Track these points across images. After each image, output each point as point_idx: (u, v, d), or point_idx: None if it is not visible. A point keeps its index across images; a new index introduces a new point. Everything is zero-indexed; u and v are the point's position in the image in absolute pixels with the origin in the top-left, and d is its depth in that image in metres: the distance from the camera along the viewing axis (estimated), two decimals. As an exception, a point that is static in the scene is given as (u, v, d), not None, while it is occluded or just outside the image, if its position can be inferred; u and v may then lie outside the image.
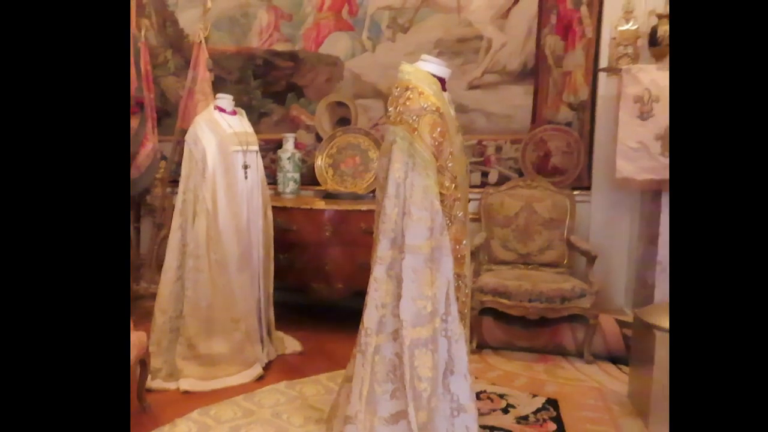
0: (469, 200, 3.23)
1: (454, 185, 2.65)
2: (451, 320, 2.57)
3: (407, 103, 2.55)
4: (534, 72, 4.49)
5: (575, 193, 4.37)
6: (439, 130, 2.55)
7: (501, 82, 4.51)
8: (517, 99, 4.51)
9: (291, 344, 4.01)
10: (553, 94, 4.50)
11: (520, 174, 4.50)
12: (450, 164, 2.64)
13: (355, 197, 4.51)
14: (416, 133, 2.51)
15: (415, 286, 2.46)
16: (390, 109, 2.61)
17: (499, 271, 4.12)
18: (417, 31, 4.63)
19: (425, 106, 2.54)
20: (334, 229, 4.17)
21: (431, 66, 2.71)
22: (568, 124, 4.49)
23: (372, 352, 2.49)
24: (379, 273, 2.51)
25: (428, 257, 2.49)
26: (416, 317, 2.45)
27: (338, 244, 4.18)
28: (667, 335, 3.13)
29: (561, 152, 4.49)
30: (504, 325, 3.96)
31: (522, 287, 3.80)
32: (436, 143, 2.54)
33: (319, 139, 4.90)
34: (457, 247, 2.67)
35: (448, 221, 2.59)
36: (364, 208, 4.18)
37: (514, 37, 4.48)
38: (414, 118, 2.53)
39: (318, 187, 4.77)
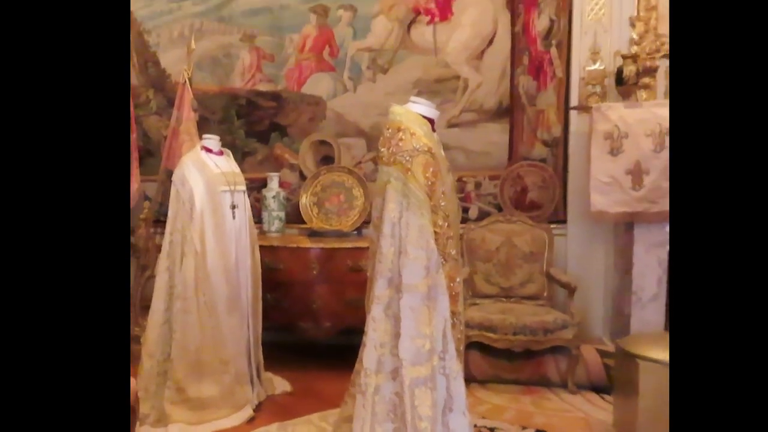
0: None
1: (447, 224, 2.66)
2: (448, 358, 2.55)
3: (400, 144, 2.56)
4: (509, 110, 4.57)
5: (552, 226, 4.42)
6: (431, 170, 2.56)
7: (478, 121, 4.58)
8: (494, 136, 4.58)
9: (280, 384, 3.91)
10: (527, 132, 4.57)
11: (500, 209, 4.54)
12: (443, 203, 2.64)
13: (341, 235, 4.49)
14: (410, 173, 2.52)
15: (413, 325, 2.44)
16: (382, 149, 2.61)
17: (483, 305, 4.11)
18: (396, 71, 4.70)
19: (418, 146, 2.55)
20: (321, 267, 4.13)
21: (421, 108, 2.73)
22: (543, 160, 4.56)
23: (372, 392, 2.44)
24: (377, 312, 2.48)
25: (425, 296, 2.47)
26: (415, 356, 2.43)
27: (325, 282, 4.13)
28: (650, 364, 3.14)
29: (537, 187, 4.55)
30: (490, 359, 3.94)
31: (506, 320, 3.80)
32: (429, 183, 2.55)
33: (303, 177, 4.87)
34: (452, 284, 2.66)
35: (442, 259, 2.58)
36: (349, 245, 4.15)
37: (489, 78, 4.57)
38: (407, 158, 2.53)
39: (303, 226, 4.73)
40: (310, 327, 4.19)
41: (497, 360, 3.95)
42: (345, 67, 4.84)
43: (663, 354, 3.12)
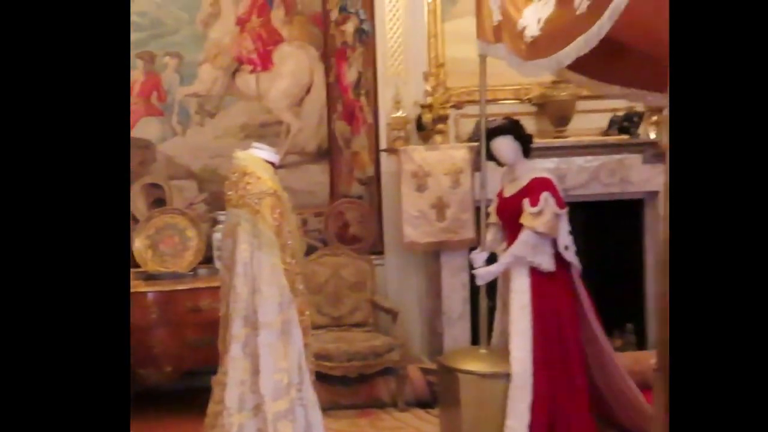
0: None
1: (294, 261, 2.71)
2: (305, 388, 2.58)
3: (248, 188, 2.60)
4: (328, 152, 4.80)
5: (373, 257, 4.65)
6: (278, 211, 2.62)
7: (301, 162, 4.73)
8: (316, 177, 4.75)
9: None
10: (345, 172, 4.81)
11: (325, 243, 4.67)
12: (290, 242, 2.70)
13: (178, 276, 4.33)
14: (259, 215, 2.56)
15: (271, 361, 2.45)
16: (230, 193, 2.62)
17: (318, 335, 4.16)
18: (224, 116, 4.74)
19: (264, 189, 2.61)
20: (160, 310, 3.92)
21: (263, 153, 2.78)
22: (360, 197, 4.82)
23: (236, 431, 2.37)
24: (235, 351, 2.44)
25: (280, 331, 2.50)
26: (275, 390, 2.43)
27: (165, 325, 3.94)
28: (468, 376, 3.42)
29: (357, 222, 4.78)
30: (328, 386, 3.99)
31: (341, 348, 3.90)
32: (277, 224, 2.61)
33: (135, 221, 4.60)
34: (302, 318, 2.70)
35: (292, 295, 2.62)
36: (188, 286, 4.03)
37: (309, 123, 4.77)
38: (255, 201, 2.58)
39: (138, 269, 4.42)
40: (150, 373, 3.93)
41: (334, 387, 4.02)
42: (173, 111, 4.78)
43: (478, 366, 3.43)
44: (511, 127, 3.56)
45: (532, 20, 3.03)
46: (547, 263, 3.40)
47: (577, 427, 3.37)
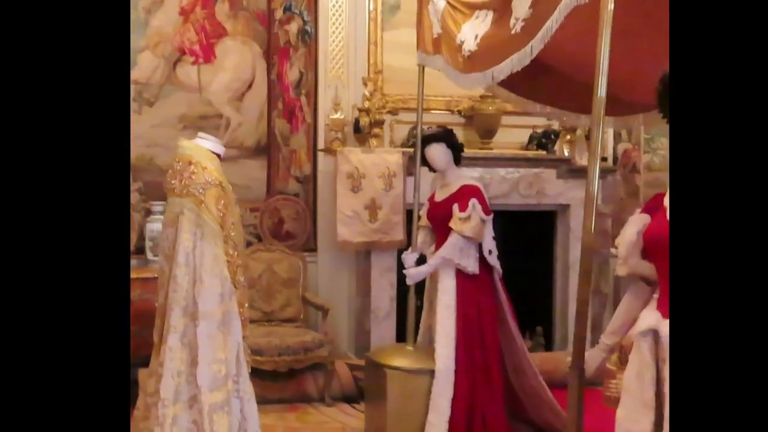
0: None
1: (236, 253, 2.65)
2: (242, 381, 2.53)
3: (192, 177, 2.52)
4: (267, 149, 4.71)
5: (306, 254, 4.62)
6: (222, 202, 2.57)
7: (240, 157, 4.63)
8: (254, 172, 4.67)
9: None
10: (283, 169, 4.76)
11: (260, 239, 4.59)
12: (233, 233, 2.64)
13: None
14: (203, 205, 2.49)
15: (210, 352, 2.39)
16: (173, 182, 2.53)
17: (249, 329, 4.07)
18: (162, 105, 4.54)
19: (209, 180, 2.54)
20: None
21: (209, 143, 2.71)
22: (297, 195, 4.78)
23: (170, 423, 2.30)
24: (173, 342, 2.36)
25: (220, 322, 2.44)
26: (213, 381, 2.37)
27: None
28: (396, 372, 3.46)
29: (292, 219, 4.73)
30: (258, 381, 3.88)
31: (272, 343, 3.85)
32: (221, 215, 2.55)
33: None
34: (241, 310, 2.65)
35: (233, 287, 2.56)
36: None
37: (249, 118, 4.68)
38: (200, 191, 2.51)
39: None
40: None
41: (264, 381, 3.95)
42: (111, 97, 4.49)
43: (405, 362, 3.48)
44: (445, 136, 3.65)
45: (469, 36, 3.12)
46: (472, 266, 3.50)
47: (491, 422, 3.47)
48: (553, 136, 5.07)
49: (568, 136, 5.07)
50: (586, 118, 3.65)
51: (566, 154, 5.06)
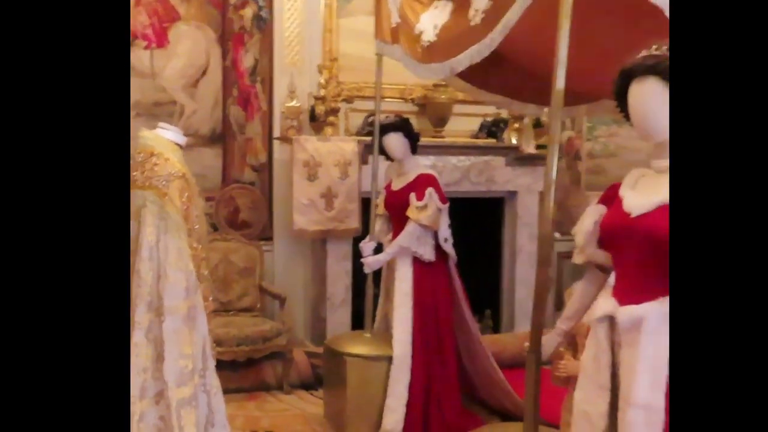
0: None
1: (200, 246, 2.57)
2: (209, 374, 2.48)
3: (155, 169, 2.42)
4: (222, 137, 4.56)
5: (262, 243, 4.54)
6: (186, 194, 2.48)
7: (194, 145, 4.45)
8: (209, 160, 4.53)
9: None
10: (238, 157, 4.63)
11: (216, 228, 4.48)
12: (197, 226, 2.56)
13: None
14: (167, 197, 2.39)
15: (176, 347, 2.31)
16: (134, 173, 2.41)
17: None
18: None
19: (173, 171, 2.44)
20: None
21: (170, 134, 2.60)
22: (252, 184, 4.67)
23: (137, 420, 2.22)
24: (138, 338, 2.27)
25: (186, 316, 2.36)
26: (179, 377, 2.30)
27: None
28: (355, 359, 3.47)
29: (248, 208, 4.63)
30: (217, 371, 3.83)
31: (230, 333, 3.78)
32: (185, 207, 2.46)
33: None
34: (206, 303, 2.57)
35: (198, 280, 2.49)
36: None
37: (204, 105, 4.52)
38: (163, 183, 2.41)
39: None
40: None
41: (223, 371, 3.84)
42: (59, 84, 4.23)
43: (364, 349, 3.50)
44: (402, 125, 3.65)
45: (428, 26, 3.11)
46: (428, 254, 3.53)
47: (447, 404, 3.54)
48: (502, 125, 5.15)
49: (516, 125, 5.16)
50: (534, 106, 3.74)
51: (514, 142, 5.15)
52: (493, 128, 5.15)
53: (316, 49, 4.73)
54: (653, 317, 1.67)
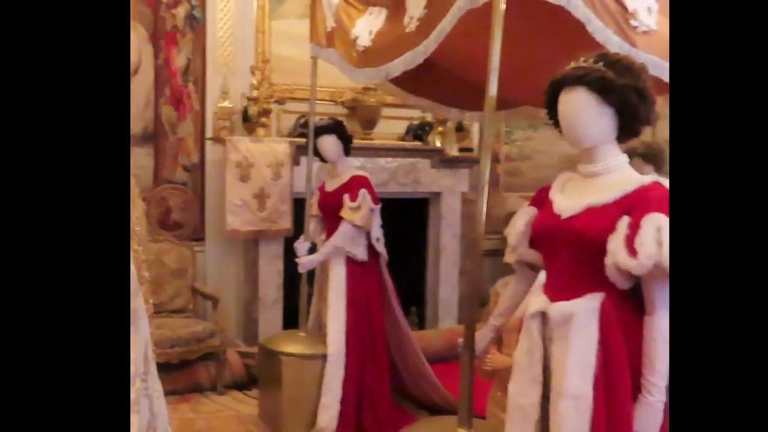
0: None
1: (141, 248, 2.48)
2: (150, 378, 2.36)
3: (95, 170, 2.31)
4: (154, 136, 4.41)
5: (194, 244, 4.43)
6: (127, 196, 2.38)
7: (125, 144, 4.28)
8: (141, 160, 4.36)
9: None
10: (170, 157, 4.50)
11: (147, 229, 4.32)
12: (137, 228, 2.45)
13: None
14: (107, 199, 2.29)
15: (118, 351, 2.22)
16: (73, 174, 2.31)
17: (138, 322, 3.86)
18: None
19: (113, 173, 2.34)
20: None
21: (109, 134, 2.49)
22: (184, 184, 4.54)
23: (78, 426, 2.12)
24: (79, 343, 2.16)
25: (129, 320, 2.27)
26: (122, 381, 2.21)
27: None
28: (290, 358, 3.45)
29: (180, 208, 4.50)
30: (150, 374, 3.72)
31: (164, 335, 3.67)
32: (126, 209, 2.37)
33: None
34: (147, 306, 2.49)
35: (139, 283, 2.41)
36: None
37: (136, 105, 4.34)
38: (104, 185, 2.30)
39: None
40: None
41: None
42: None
43: (299, 349, 3.50)
44: (336, 127, 3.68)
45: (363, 31, 3.14)
46: (361, 254, 3.58)
47: (378, 400, 3.61)
48: (427, 128, 5.28)
49: (440, 128, 5.31)
50: (456, 111, 3.86)
51: (438, 145, 5.30)
52: (419, 131, 5.28)
53: (249, 50, 4.68)
54: (582, 313, 1.74)
